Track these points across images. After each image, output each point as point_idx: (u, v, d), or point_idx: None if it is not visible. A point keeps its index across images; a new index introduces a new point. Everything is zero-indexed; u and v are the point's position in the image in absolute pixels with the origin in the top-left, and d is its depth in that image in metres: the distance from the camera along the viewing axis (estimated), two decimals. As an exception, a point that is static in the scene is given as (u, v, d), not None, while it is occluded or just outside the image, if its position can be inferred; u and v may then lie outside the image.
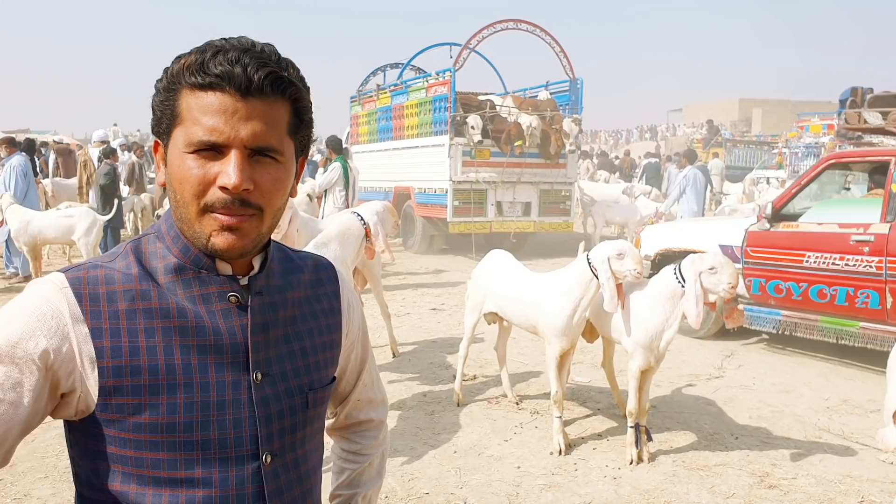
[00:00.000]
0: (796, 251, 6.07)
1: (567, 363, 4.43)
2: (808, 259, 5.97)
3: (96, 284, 1.03)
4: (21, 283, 9.24)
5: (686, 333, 6.55)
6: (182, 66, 1.01)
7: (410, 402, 5.05)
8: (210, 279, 1.08)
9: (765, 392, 5.45)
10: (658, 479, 3.92)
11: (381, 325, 6.55)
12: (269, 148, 1.02)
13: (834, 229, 5.88)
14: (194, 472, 1.03)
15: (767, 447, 4.37)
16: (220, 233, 1.02)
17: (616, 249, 3.99)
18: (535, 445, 4.35)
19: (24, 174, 9.52)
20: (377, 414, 1.42)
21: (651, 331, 4.00)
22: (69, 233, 8.64)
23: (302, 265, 1.23)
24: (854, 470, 4.05)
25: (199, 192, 1.00)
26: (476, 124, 11.29)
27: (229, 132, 0.99)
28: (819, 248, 5.91)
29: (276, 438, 1.10)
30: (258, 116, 1.00)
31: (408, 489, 3.77)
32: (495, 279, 4.78)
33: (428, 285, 9.89)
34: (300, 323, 1.18)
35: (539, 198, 12.19)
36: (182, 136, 1.01)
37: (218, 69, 0.98)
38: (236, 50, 1.00)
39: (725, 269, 3.82)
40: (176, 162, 1.02)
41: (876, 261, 5.53)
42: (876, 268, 5.53)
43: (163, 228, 1.10)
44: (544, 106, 12.39)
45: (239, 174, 0.99)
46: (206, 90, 0.99)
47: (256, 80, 0.99)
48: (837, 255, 5.77)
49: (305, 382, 1.15)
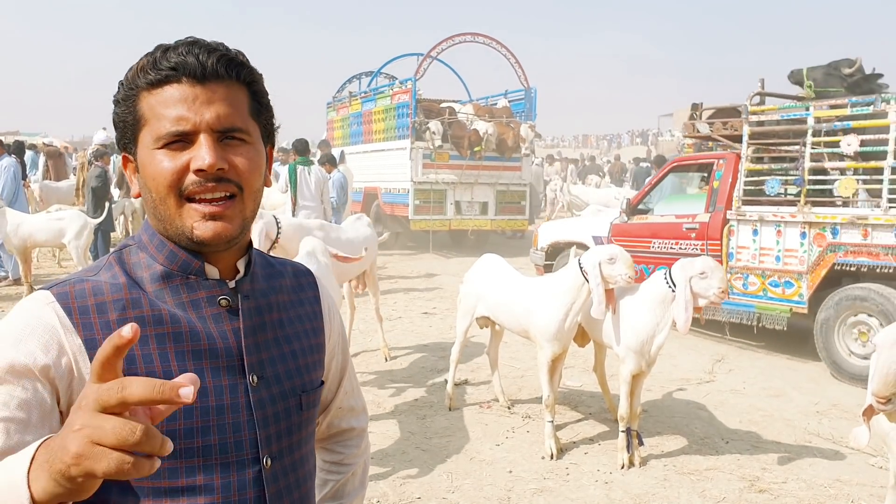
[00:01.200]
0: (646, 238, 7.39)
1: (559, 368, 4.44)
2: (654, 244, 7.31)
3: (84, 297, 1.01)
4: (10, 286, 9.19)
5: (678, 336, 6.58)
6: (135, 70, 1.02)
7: (402, 407, 5.05)
8: (199, 284, 1.08)
9: (755, 396, 5.48)
10: (649, 484, 3.93)
11: (373, 328, 6.55)
12: (235, 128, 1.03)
13: (672, 220, 7.24)
14: (196, 479, 1.02)
15: (758, 451, 4.39)
16: (203, 222, 1.02)
17: (607, 254, 4.00)
18: (526, 450, 4.35)
19: (14, 176, 9.47)
20: (358, 422, 1.41)
21: (642, 335, 4.02)
22: (60, 236, 8.58)
23: (282, 270, 1.24)
24: (844, 474, 4.07)
25: (173, 182, 1.00)
26: (437, 129, 12.31)
27: (194, 118, 1.00)
28: (661, 235, 7.25)
29: (275, 441, 1.10)
30: (219, 100, 1.02)
31: (399, 493, 3.77)
32: (487, 283, 4.79)
33: (419, 289, 9.88)
34: (287, 326, 1.18)
35: (496, 198, 13.22)
36: (149, 135, 1.02)
37: (171, 62, 1.00)
38: (185, 44, 1.02)
39: (715, 273, 3.84)
40: (146, 161, 1.02)
41: (700, 243, 6.90)
42: (700, 249, 6.84)
43: (144, 238, 1.10)
44: (500, 113, 13.49)
45: (212, 153, 1.00)
46: (163, 85, 1.01)
47: (210, 65, 1.01)
48: (674, 241, 7.14)
49: (298, 385, 1.15)
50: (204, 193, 1.01)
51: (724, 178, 6.89)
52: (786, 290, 6.30)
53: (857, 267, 5.91)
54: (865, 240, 5.84)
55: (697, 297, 3.86)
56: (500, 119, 13.14)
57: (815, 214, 6.12)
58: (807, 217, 6.16)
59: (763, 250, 6.46)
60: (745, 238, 6.58)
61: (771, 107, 6.79)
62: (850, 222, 5.89)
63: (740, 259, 6.60)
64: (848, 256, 5.93)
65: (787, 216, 6.29)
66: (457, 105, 13.73)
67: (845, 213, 5.99)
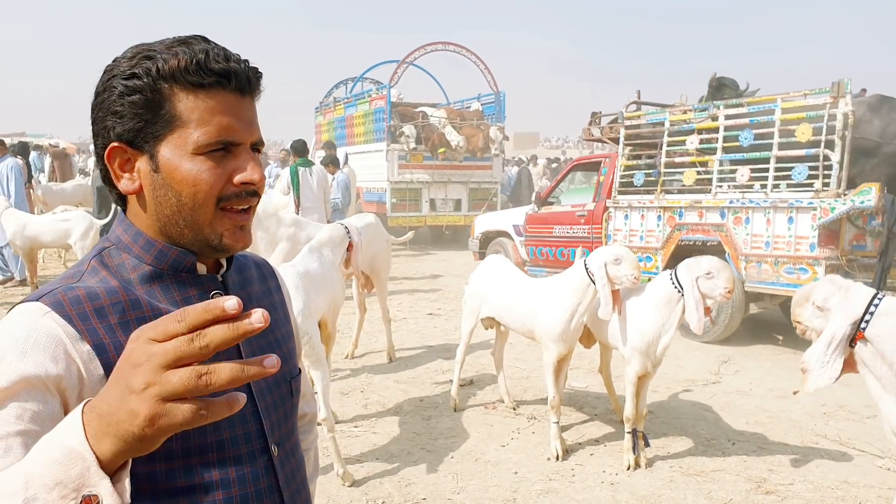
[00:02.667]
0: (549, 225, 8.87)
1: (564, 369, 4.43)
2: (555, 230, 8.80)
3: (80, 303, 0.97)
4: (17, 287, 9.22)
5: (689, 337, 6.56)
6: (175, 66, 0.97)
7: (407, 407, 5.04)
8: (189, 280, 1.07)
9: (761, 398, 5.45)
10: (655, 485, 3.91)
11: (379, 329, 6.55)
12: (261, 142, 1.07)
13: (568, 209, 8.74)
14: (212, 474, 1.02)
15: (764, 453, 4.36)
16: (234, 231, 1.05)
17: (613, 255, 3.99)
18: (532, 451, 4.34)
19: (21, 176, 9.51)
20: (310, 408, 1.45)
21: (648, 336, 4.00)
22: (65, 237, 8.60)
23: (245, 262, 1.25)
24: (851, 476, 4.05)
25: (217, 191, 1.01)
26: (411, 133, 13.42)
27: (243, 130, 1.02)
28: (561, 222, 8.73)
29: (277, 429, 1.13)
30: (254, 112, 1.06)
31: (405, 494, 3.76)
32: (492, 284, 4.78)
33: (424, 290, 9.88)
34: None
35: (468, 195, 14.41)
36: (187, 138, 0.99)
37: (217, 67, 0.98)
38: (216, 46, 1.01)
39: (722, 273, 3.81)
40: (182, 165, 0.99)
41: (587, 228, 8.38)
42: (587, 233, 8.37)
43: (125, 239, 1.07)
44: (471, 116, 14.77)
45: (259, 169, 1.03)
46: (209, 90, 0.99)
47: (254, 77, 1.04)
48: (569, 226, 8.61)
49: (286, 371, 1.18)
50: (240, 204, 1.04)
51: (607, 174, 8.26)
52: (647, 263, 7.55)
53: (695, 242, 7.21)
54: (701, 220, 7.17)
55: (704, 297, 3.84)
56: (471, 122, 14.27)
57: (667, 200, 7.44)
58: (661, 203, 7.49)
59: (632, 231, 7.81)
60: (619, 222, 7.92)
61: (640, 112, 8.08)
62: (690, 206, 7.23)
63: (616, 239, 7.87)
64: (689, 234, 7.26)
65: (647, 203, 7.61)
66: (429, 109, 14.63)
67: (687, 198, 7.28)
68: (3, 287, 9.27)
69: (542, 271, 8.83)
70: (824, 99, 6.30)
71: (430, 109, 14.57)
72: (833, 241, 6.32)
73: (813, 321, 2.84)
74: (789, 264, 6.42)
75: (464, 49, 15.82)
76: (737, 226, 6.83)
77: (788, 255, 6.42)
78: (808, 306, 2.85)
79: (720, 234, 6.95)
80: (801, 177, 6.43)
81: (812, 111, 6.42)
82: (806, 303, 2.86)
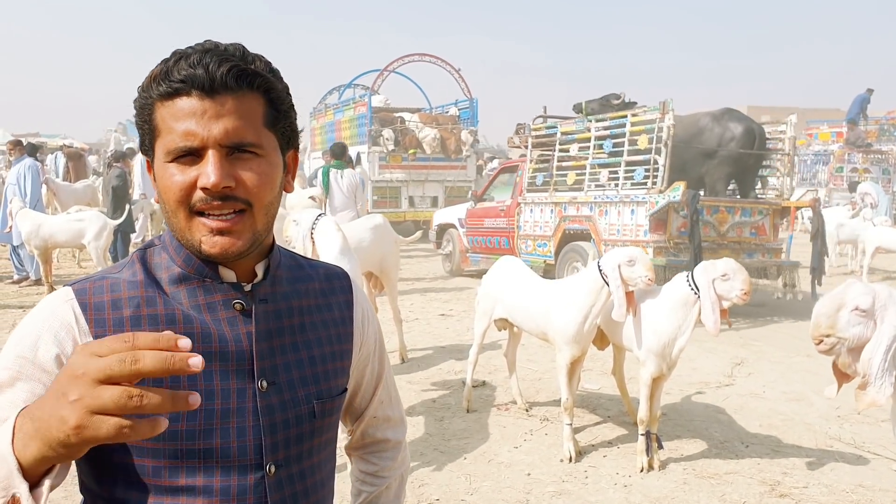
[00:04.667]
0: (481, 218, 10.61)
1: (577, 370, 4.42)
2: (485, 222, 10.51)
3: (101, 293, 1.03)
4: (32, 286, 9.28)
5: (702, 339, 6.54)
6: (149, 79, 1.01)
7: (420, 408, 5.05)
8: (214, 287, 1.08)
9: (775, 400, 5.43)
10: (669, 487, 3.90)
11: (390, 330, 6.55)
12: (245, 143, 1.01)
13: (494, 205, 10.45)
14: (195, 480, 1.02)
15: (778, 456, 4.35)
16: (210, 237, 1.02)
17: (627, 256, 3.98)
18: (545, 452, 4.34)
19: (36, 176, 9.58)
20: (395, 434, 1.39)
21: (664, 338, 3.99)
22: (79, 236, 8.68)
23: (312, 273, 1.22)
24: (866, 479, 4.03)
25: (182, 198, 1.00)
26: (389, 136, 14.78)
27: (202, 133, 0.98)
28: (489, 216, 10.45)
29: (282, 448, 1.09)
30: (229, 113, 0.99)
31: (418, 495, 3.77)
32: (506, 285, 4.78)
33: (436, 290, 9.90)
34: (309, 331, 1.16)
35: (444, 193, 15.52)
36: (161, 147, 1.01)
37: (181, 74, 0.98)
38: (198, 52, 1.00)
39: (738, 275, 3.80)
40: (160, 173, 1.02)
41: (506, 220, 10.05)
42: (506, 224, 10.05)
43: (167, 239, 1.11)
44: (446, 120, 16.22)
45: (217, 172, 0.98)
46: (174, 97, 0.99)
47: (219, 77, 0.98)
48: (494, 219, 10.33)
49: (313, 392, 1.13)
50: (211, 210, 1.01)
51: (522, 176, 9.93)
52: (543, 248, 9.41)
53: (574, 231, 8.87)
54: (577, 213, 8.82)
55: (721, 298, 3.82)
56: (445, 126, 15.75)
57: (557, 197, 9.14)
58: (553, 199, 9.21)
59: (535, 223, 9.54)
60: (527, 215, 9.66)
61: (542, 125, 9.81)
62: (571, 201, 8.93)
63: (524, 230, 9.68)
64: (570, 224, 8.93)
65: (544, 199, 9.34)
66: (407, 114, 16.12)
67: (569, 195, 8.97)
68: (19, 286, 9.33)
69: (478, 257, 10.74)
70: (656, 115, 7.87)
71: (408, 114, 16.08)
72: (661, 228, 7.84)
73: (850, 329, 2.61)
74: (634, 246, 7.14)
75: (439, 59, 17.54)
76: (600, 217, 8.46)
77: (632, 239, 7.89)
78: (843, 314, 2.62)
79: (589, 223, 8.59)
80: (640, 177, 8.05)
81: (648, 124, 8.00)
82: (839, 311, 2.63)
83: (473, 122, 16.45)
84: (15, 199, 8.92)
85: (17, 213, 8.64)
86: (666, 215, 7.79)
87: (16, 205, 8.76)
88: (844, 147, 19.56)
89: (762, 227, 8.56)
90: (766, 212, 8.58)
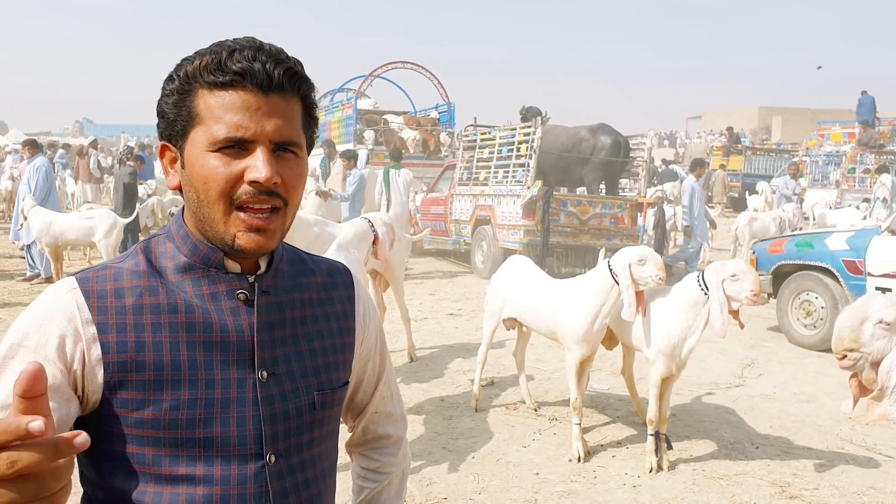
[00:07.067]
0: (430, 206, 12.64)
1: (587, 370, 4.40)
2: (432, 209, 12.53)
3: (104, 282, 1.04)
4: (43, 284, 9.32)
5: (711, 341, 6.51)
6: (198, 66, 1.02)
7: (428, 407, 5.04)
8: (219, 277, 1.09)
9: (786, 402, 5.40)
10: (678, 488, 3.88)
11: (399, 328, 6.56)
12: (290, 142, 1.04)
13: (438, 195, 12.56)
14: (195, 469, 1.03)
15: (788, 457, 4.32)
16: (245, 233, 1.03)
17: (637, 255, 3.96)
18: (553, 452, 4.33)
19: (46, 176, 9.62)
20: (396, 430, 1.39)
21: (673, 338, 3.97)
22: (90, 234, 8.71)
23: (314, 268, 1.24)
24: (877, 481, 4.00)
25: (225, 190, 1.01)
26: (369, 137, 16.16)
27: (255, 128, 1.00)
28: (435, 204, 12.51)
29: (282, 439, 1.10)
30: (278, 112, 1.02)
31: (426, 494, 3.76)
32: (515, 285, 4.77)
33: (445, 290, 9.89)
34: (310, 324, 1.17)
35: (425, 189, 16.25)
36: (203, 135, 1.01)
37: (237, 66, 1.00)
38: (251, 48, 1.01)
39: (747, 276, 3.78)
40: (198, 162, 1.02)
41: (444, 208, 12.16)
42: (443, 210, 12.15)
43: (172, 228, 1.11)
44: (427, 122, 17.56)
45: (269, 167, 1.00)
46: (226, 88, 1.01)
47: (276, 77, 1.01)
48: (437, 207, 12.42)
49: (314, 383, 1.14)
50: (254, 204, 1.02)
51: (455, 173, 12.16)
52: (465, 230, 11.53)
53: (482, 217, 11.00)
54: (485, 203, 10.99)
55: (730, 299, 3.80)
56: (426, 128, 16.98)
57: (473, 190, 11.40)
58: (471, 192, 11.45)
59: (461, 210, 11.69)
60: (457, 204, 11.81)
61: (468, 132, 12.44)
62: (481, 194, 11.16)
63: (454, 216, 11.80)
64: (480, 212, 11.08)
65: (466, 192, 11.57)
66: (391, 116, 17.58)
67: (480, 189, 11.23)
68: (30, 284, 9.38)
69: (429, 238, 12.33)
70: (532, 129, 10.40)
71: (392, 116, 17.49)
72: (531, 216, 10.10)
73: (873, 343, 2.55)
74: (514, 230, 10.30)
75: (420, 67, 19.19)
76: (497, 207, 10.67)
77: (513, 224, 10.30)
78: (866, 327, 2.56)
79: (490, 211, 10.78)
80: (519, 176, 10.52)
81: (527, 136, 10.49)
82: (862, 324, 2.56)
83: (451, 125, 17.80)
84: (27, 198, 8.96)
85: (28, 210, 8.69)
86: (534, 206, 10.02)
87: (27, 203, 8.80)
88: (857, 148, 19.43)
89: (621, 218, 10.74)
90: (623, 206, 10.76)
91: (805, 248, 7.22)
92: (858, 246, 6.68)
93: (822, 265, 6.95)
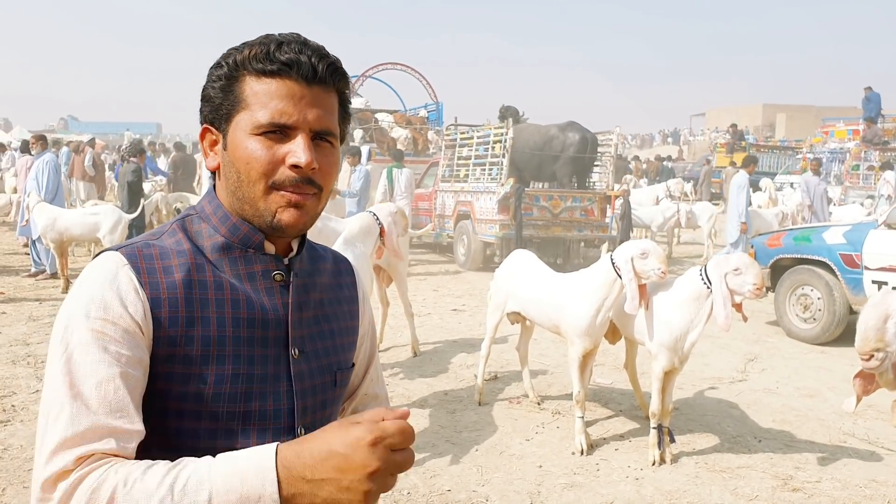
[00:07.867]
0: (420, 202, 12.79)
1: (589, 364, 4.42)
2: (419, 204, 12.73)
3: (151, 259, 1.06)
4: (48, 280, 9.36)
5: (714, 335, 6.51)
6: (247, 55, 1.08)
7: (432, 401, 5.06)
8: (256, 258, 1.13)
9: (788, 396, 5.41)
10: (680, 481, 3.90)
11: (403, 324, 6.58)
12: (328, 132, 1.10)
13: (428, 190, 12.91)
14: (233, 443, 1.06)
15: (791, 451, 4.34)
16: (286, 209, 1.08)
17: (640, 249, 3.98)
18: (556, 445, 4.35)
19: (55, 171, 9.65)
20: (381, 389, 1.45)
21: (676, 332, 3.99)
22: (95, 230, 8.74)
23: (324, 255, 1.30)
24: (879, 475, 4.02)
25: (267, 171, 1.06)
26: (357, 136, 16.40)
27: (298, 115, 1.06)
28: (421, 199, 12.83)
29: (310, 413, 1.16)
30: (320, 103, 1.09)
31: (430, 486, 3.79)
32: (518, 279, 4.79)
33: (448, 286, 9.91)
34: (327, 306, 1.24)
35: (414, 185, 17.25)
36: (248, 119, 1.07)
37: (284, 57, 1.06)
38: (297, 42, 1.09)
39: (750, 269, 3.79)
40: (241, 144, 1.07)
41: (429, 202, 12.71)
42: (429, 205, 12.72)
43: (207, 209, 1.15)
44: (416, 121, 18.27)
45: (309, 153, 1.06)
46: (273, 77, 1.07)
47: (321, 70, 1.08)
48: (424, 202, 12.82)
49: (334, 361, 1.21)
50: (294, 189, 1.08)
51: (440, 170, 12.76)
52: (448, 224, 12.14)
53: (463, 212, 11.62)
54: (465, 199, 11.59)
55: (733, 293, 3.82)
56: (414, 126, 17.59)
57: (454, 187, 12.04)
58: (452, 188, 12.12)
59: (444, 205, 12.33)
60: (441, 199, 12.43)
61: (450, 131, 13.06)
62: (461, 190, 11.77)
63: (438, 210, 12.36)
64: (460, 207, 11.70)
65: (448, 188, 12.22)
66: (383, 115, 17.98)
67: (460, 186, 11.85)
68: (36, 280, 9.41)
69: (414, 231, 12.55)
70: (504, 129, 10.94)
71: (385, 115, 17.91)
72: (505, 211, 10.69)
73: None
74: (491, 223, 10.86)
75: (409, 68, 20.08)
76: (475, 202, 11.28)
77: (490, 218, 10.90)
78: (890, 325, 2.58)
79: (470, 207, 11.35)
80: (494, 174, 11.08)
81: (500, 136, 11.04)
82: (886, 322, 2.59)
83: (439, 123, 18.41)
84: (32, 193, 8.98)
85: (34, 206, 8.72)
86: (507, 202, 10.66)
87: (33, 199, 8.83)
88: (861, 144, 19.39)
89: (591, 210, 11.36)
90: (592, 199, 11.40)
91: (803, 241, 7.24)
92: (855, 240, 6.70)
93: (820, 259, 6.96)
